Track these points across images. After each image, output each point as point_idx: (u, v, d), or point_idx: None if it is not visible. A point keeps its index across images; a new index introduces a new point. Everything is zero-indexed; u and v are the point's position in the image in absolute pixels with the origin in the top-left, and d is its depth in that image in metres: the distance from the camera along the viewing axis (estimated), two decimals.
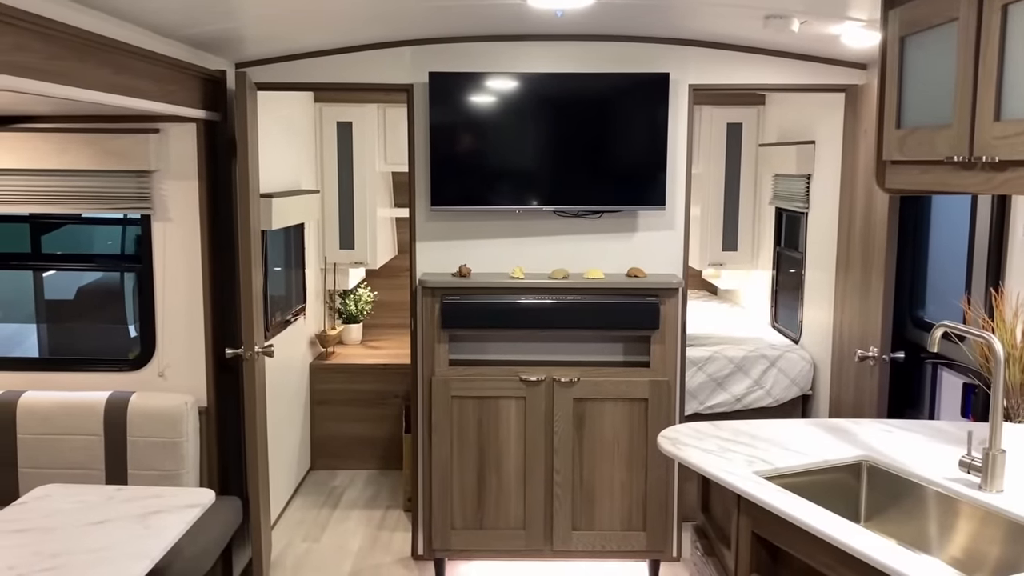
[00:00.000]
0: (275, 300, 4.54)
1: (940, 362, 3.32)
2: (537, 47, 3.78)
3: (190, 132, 3.47)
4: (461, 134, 3.77)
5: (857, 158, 3.70)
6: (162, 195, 3.53)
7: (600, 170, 3.81)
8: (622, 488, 3.80)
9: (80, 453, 3.42)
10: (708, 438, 2.59)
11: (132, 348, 3.91)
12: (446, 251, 3.92)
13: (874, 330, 3.41)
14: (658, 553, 3.85)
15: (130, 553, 2.28)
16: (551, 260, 3.91)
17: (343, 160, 5.36)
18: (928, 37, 2.32)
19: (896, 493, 2.35)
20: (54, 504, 2.62)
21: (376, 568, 4.03)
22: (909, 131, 2.40)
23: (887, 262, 3.30)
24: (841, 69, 3.79)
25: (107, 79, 2.60)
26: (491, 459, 3.79)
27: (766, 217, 5.28)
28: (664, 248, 3.91)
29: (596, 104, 3.76)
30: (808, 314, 4.57)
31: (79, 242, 5.54)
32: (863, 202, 3.61)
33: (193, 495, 2.73)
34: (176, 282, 3.57)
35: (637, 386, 3.73)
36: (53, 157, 3.45)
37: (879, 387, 3.36)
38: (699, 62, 3.79)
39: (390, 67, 3.80)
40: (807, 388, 4.44)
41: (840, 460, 2.44)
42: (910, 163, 2.42)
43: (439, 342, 3.75)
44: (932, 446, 2.53)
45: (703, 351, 4.39)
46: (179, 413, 3.43)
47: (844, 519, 2.01)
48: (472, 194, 3.81)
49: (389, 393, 5.24)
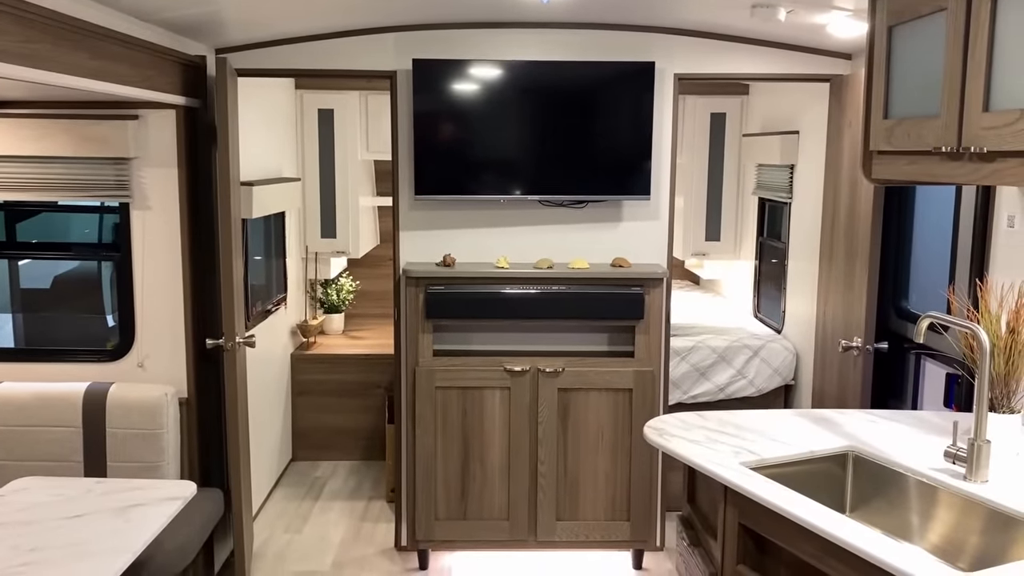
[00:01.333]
0: (256, 290, 4.49)
1: (923, 352, 3.34)
2: (523, 34, 3.75)
3: (169, 119, 3.41)
4: (445, 122, 3.74)
5: (841, 148, 3.71)
6: (141, 183, 3.47)
7: (585, 159, 3.79)
8: (606, 478, 3.80)
9: (58, 445, 3.37)
10: (694, 428, 2.59)
11: (110, 338, 3.85)
12: (430, 240, 3.89)
13: (858, 320, 3.42)
14: (642, 543, 3.86)
15: (110, 547, 2.23)
16: (536, 250, 3.89)
17: (324, 148, 5.30)
18: (916, 27, 2.31)
19: (881, 483, 2.36)
20: (32, 497, 2.57)
21: (359, 559, 4.01)
22: (896, 122, 2.39)
23: (871, 252, 3.30)
24: (826, 59, 3.80)
25: (84, 63, 2.54)
26: (475, 449, 3.77)
27: (749, 207, 5.29)
28: (649, 238, 3.90)
29: (582, 92, 3.73)
30: (791, 304, 4.59)
31: (55, 230, 5.45)
32: (847, 192, 3.61)
33: (174, 487, 2.69)
34: (155, 271, 3.51)
35: (621, 376, 3.72)
36: (29, 143, 3.37)
37: (863, 377, 3.37)
38: (685, 51, 3.77)
39: (373, 54, 3.75)
40: (790, 378, 4.45)
41: (826, 451, 2.44)
42: (897, 153, 2.42)
43: (423, 332, 3.72)
44: (917, 436, 2.54)
45: (686, 341, 4.40)
46: (159, 404, 3.38)
47: (831, 510, 2.01)
48: (456, 183, 3.78)
49: (371, 384, 5.21)
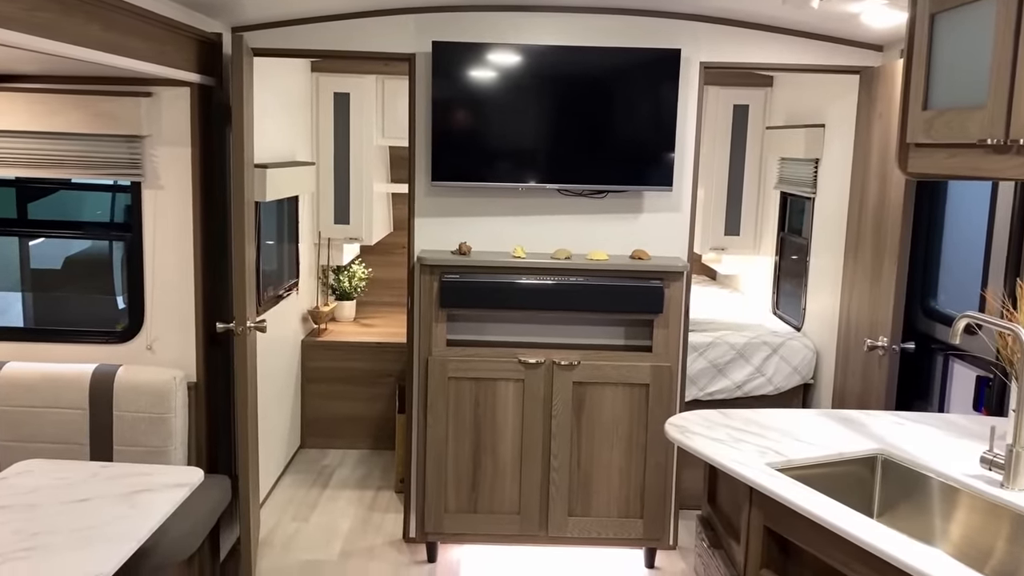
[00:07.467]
0: (267, 274, 4.42)
1: (952, 353, 3.24)
2: (546, 18, 3.66)
3: (183, 97, 3.33)
4: (464, 106, 3.65)
5: (871, 142, 3.60)
6: (153, 161, 3.40)
7: (606, 148, 3.70)
8: (620, 474, 3.72)
9: (64, 427, 3.31)
10: (717, 427, 2.50)
11: (120, 319, 3.79)
12: (445, 228, 3.81)
13: (884, 319, 3.33)
14: (655, 541, 3.78)
15: (114, 534, 2.17)
16: (553, 240, 3.81)
17: (340, 132, 5.23)
18: (961, 13, 2.21)
19: (912, 488, 2.27)
20: (36, 480, 2.52)
21: (367, 550, 3.95)
22: (937, 113, 2.29)
23: (901, 249, 3.20)
24: (857, 50, 3.69)
25: (95, 35, 2.47)
26: (487, 442, 3.70)
27: (770, 202, 5.19)
28: (669, 231, 3.81)
29: (604, 79, 3.64)
30: (812, 301, 4.49)
31: (68, 210, 5.40)
32: (876, 187, 3.51)
33: (181, 474, 2.63)
34: (166, 252, 3.44)
35: (639, 371, 3.64)
36: (41, 119, 3.30)
37: (888, 378, 3.27)
38: (711, 39, 3.68)
39: (392, 35, 3.67)
40: (809, 377, 4.36)
41: (854, 453, 2.35)
42: (936, 146, 2.32)
43: (437, 321, 3.65)
44: (947, 440, 2.45)
45: (704, 337, 4.31)
46: (167, 388, 3.32)
47: (860, 514, 1.93)
48: (474, 169, 3.69)
49: (382, 372, 5.15)
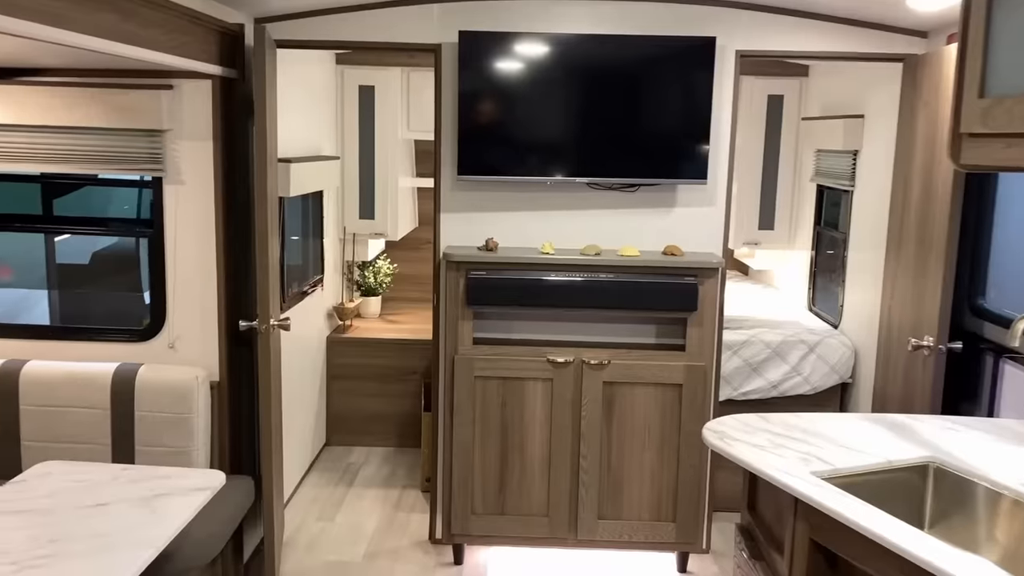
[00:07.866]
0: (292, 270, 4.35)
1: (1004, 354, 3.09)
2: (574, 7, 3.54)
3: (205, 89, 3.26)
4: (491, 98, 3.55)
5: (915, 132, 3.45)
6: (175, 156, 3.34)
7: (638, 140, 3.58)
8: (652, 476, 3.61)
9: (86, 427, 3.27)
10: (757, 432, 2.39)
11: (146, 317, 3.74)
12: (472, 223, 3.72)
13: (929, 317, 3.18)
14: (687, 545, 3.67)
15: (133, 540, 2.11)
16: (583, 235, 3.70)
17: (364, 126, 5.15)
18: None
19: (966, 499, 2.15)
20: (55, 483, 2.46)
21: (392, 551, 3.88)
22: (995, 100, 2.15)
23: (949, 244, 3.06)
24: (900, 37, 3.54)
25: (112, 25, 2.40)
26: (515, 442, 3.61)
27: (806, 195, 5.03)
28: (703, 225, 3.69)
29: (636, 69, 3.52)
30: (850, 298, 4.34)
31: (95, 206, 5.37)
32: (920, 180, 3.36)
33: (203, 477, 2.56)
34: (188, 249, 3.39)
35: (672, 370, 3.53)
36: (60, 113, 3.25)
37: (934, 379, 3.13)
38: (747, 26, 3.54)
39: (417, 26, 3.58)
40: (847, 376, 4.22)
41: (904, 461, 2.23)
42: (992, 136, 2.18)
43: (463, 319, 3.55)
44: (1003, 447, 2.32)
45: (739, 335, 4.18)
46: (189, 387, 3.26)
47: (914, 528, 1.81)
48: (501, 163, 3.59)
49: (408, 369, 5.07)
